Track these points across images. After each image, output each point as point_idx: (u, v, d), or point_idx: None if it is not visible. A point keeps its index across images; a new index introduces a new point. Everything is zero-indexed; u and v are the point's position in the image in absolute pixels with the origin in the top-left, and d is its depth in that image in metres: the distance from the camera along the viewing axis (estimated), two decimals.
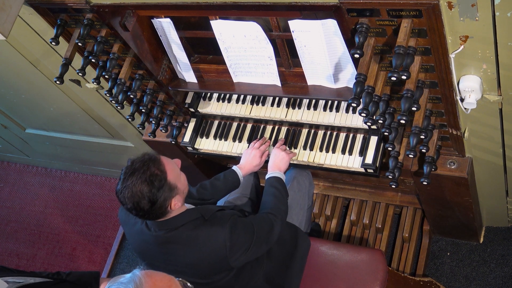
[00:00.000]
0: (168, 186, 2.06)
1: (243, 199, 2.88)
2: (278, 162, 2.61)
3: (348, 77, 2.37)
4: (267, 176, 2.62)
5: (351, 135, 2.64)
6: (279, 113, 2.71)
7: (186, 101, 2.85)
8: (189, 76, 2.69)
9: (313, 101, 2.66)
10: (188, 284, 1.59)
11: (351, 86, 2.37)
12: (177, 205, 2.13)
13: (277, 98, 2.74)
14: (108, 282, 1.55)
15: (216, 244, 2.17)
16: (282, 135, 2.79)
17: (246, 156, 2.70)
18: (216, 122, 2.93)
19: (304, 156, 2.69)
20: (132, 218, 2.30)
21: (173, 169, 2.11)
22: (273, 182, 2.57)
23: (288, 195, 2.59)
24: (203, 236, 2.17)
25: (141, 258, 2.38)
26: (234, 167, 2.67)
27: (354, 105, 1.87)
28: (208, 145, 2.90)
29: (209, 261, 2.21)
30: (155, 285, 1.49)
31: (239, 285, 2.38)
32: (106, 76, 2.52)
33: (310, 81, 2.49)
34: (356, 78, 1.88)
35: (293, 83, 2.56)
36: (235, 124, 2.90)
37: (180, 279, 1.58)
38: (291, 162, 2.69)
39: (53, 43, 2.38)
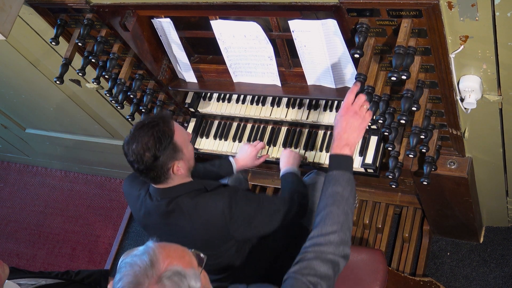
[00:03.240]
0: (173, 146, 2.09)
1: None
2: (290, 159, 2.57)
3: (348, 77, 2.37)
4: (281, 174, 2.55)
5: None
6: (279, 113, 2.72)
7: (186, 101, 2.85)
8: (189, 76, 2.70)
9: (313, 101, 2.66)
10: (201, 254, 1.60)
11: (351, 86, 2.38)
12: (180, 171, 2.14)
13: (277, 98, 2.75)
14: (122, 256, 1.57)
15: (215, 212, 2.15)
16: (282, 135, 2.79)
17: (242, 152, 2.68)
18: (216, 122, 2.93)
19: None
20: (136, 191, 2.31)
21: (181, 133, 2.15)
22: (289, 176, 2.49)
23: (305, 184, 2.52)
24: (202, 203, 2.16)
25: (146, 231, 2.38)
26: (231, 158, 2.66)
27: None
28: (208, 145, 2.90)
29: (208, 231, 2.19)
30: (169, 255, 1.51)
31: (240, 262, 2.37)
32: (106, 76, 2.52)
33: (310, 81, 2.49)
34: (356, 78, 1.88)
35: (293, 83, 2.56)
36: (235, 124, 2.90)
37: (193, 250, 1.60)
38: None
39: (53, 43, 2.38)
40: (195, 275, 1.51)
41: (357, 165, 2.57)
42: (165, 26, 2.45)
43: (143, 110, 2.76)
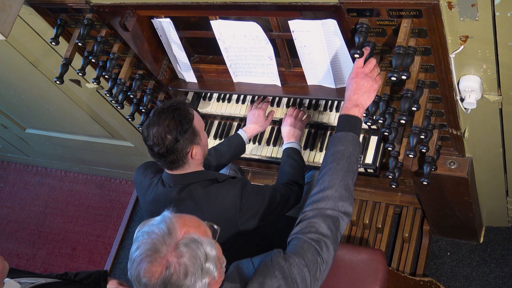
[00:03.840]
0: (192, 130, 2.12)
1: None
2: (293, 130, 2.58)
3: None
4: (283, 147, 2.58)
5: None
6: (279, 113, 2.72)
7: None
8: (189, 76, 2.69)
9: (313, 101, 2.66)
10: (215, 226, 1.66)
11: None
12: (197, 157, 2.17)
13: (277, 98, 2.75)
14: (139, 226, 1.62)
15: (226, 201, 2.17)
16: None
17: (250, 117, 2.70)
18: (216, 122, 2.93)
19: (304, 156, 2.68)
20: (148, 179, 2.32)
21: (199, 118, 2.19)
22: (290, 153, 2.53)
23: (305, 165, 2.56)
24: (214, 193, 2.19)
25: None
26: (239, 131, 2.67)
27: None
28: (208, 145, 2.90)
29: (218, 221, 2.19)
30: (186, 224, 1.57)
31: (240, 257, 2.38)
32: (106, 76, 2.52)
33: (310, 81, 2.49)
34: (365, 45, 1.88)
35: (293, 83, 2.56)
36: (235, 124, 2.90)
37: (207, 221, 1.65)
38: None
39: (53, 43, 2.38)
40: (210, 243, 1.57)
41: None
42: (165, 26, 2.45)
43: (143, 110, 2.76)
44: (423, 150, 2.19)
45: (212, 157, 2.58)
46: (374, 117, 2.05)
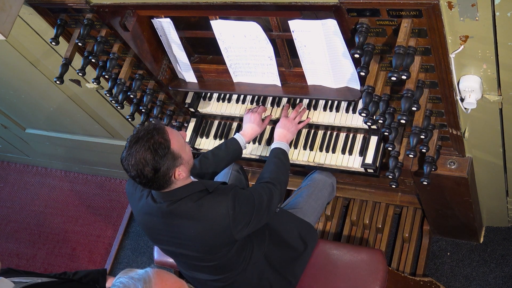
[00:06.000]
0: (171, 155, 2.08)
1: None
2: (285, 132, 2.59)
3: (348, 77, 2.37)
4: (272, 146, 2.58)
5: (351, 135, 2.64)
6: (279, 113, 2.72)
7: (186, 101, 2.85)
8: (189, 76, 2.70)
9: (313, 101, 2.66)
10: None
11: (351, 86, 2.38)
12: (182, 175, 2.14)
13: (277, 98, 2.75)
14: (120, 273, 1.56)
15: (219, 213, 2.16)
16: None
17: (247, 120, 2.69)
18: (216, 122, 2.93)
19: (304, 156, 2.69)
20: (139, 192, 2.31)
21: (177, 138, 2.14)
22: (277, 153, 2.53)
23: (289, 166, 2.56)
24: (206, 206, 2.17)
25: (146, 233, 2.38)
26: (236, 135, 2.66)
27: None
28: (208, 145, 2.90)
29: (212, 232, 2.19)
30: None
31: (241, 265, 2.38)
32: (106, 76, 2.52)
33: (310, 81, 2.49)
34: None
35: (293, 83, 2.56)
36: (235, 124, 2.90)
37: (189, 284, 1.59)
38: (295, 162, 2.69)
39: (53, 43, 2.38)
40: None
41: (357, 165, 2.57)
42: (165, 26, 2.45)
43: (143, 110, 2.76)
44: (423, 150, 2.19)
45: (209, 161, 2.57)
46: (374, 117, 2.05)
